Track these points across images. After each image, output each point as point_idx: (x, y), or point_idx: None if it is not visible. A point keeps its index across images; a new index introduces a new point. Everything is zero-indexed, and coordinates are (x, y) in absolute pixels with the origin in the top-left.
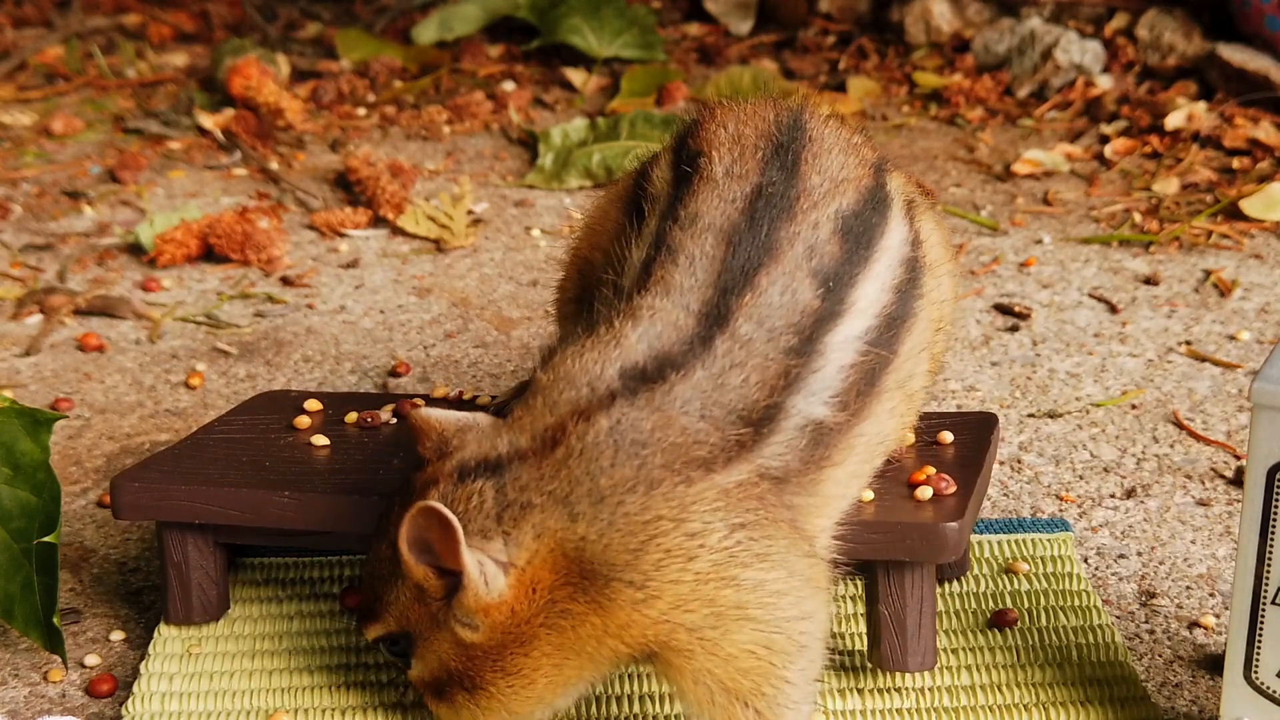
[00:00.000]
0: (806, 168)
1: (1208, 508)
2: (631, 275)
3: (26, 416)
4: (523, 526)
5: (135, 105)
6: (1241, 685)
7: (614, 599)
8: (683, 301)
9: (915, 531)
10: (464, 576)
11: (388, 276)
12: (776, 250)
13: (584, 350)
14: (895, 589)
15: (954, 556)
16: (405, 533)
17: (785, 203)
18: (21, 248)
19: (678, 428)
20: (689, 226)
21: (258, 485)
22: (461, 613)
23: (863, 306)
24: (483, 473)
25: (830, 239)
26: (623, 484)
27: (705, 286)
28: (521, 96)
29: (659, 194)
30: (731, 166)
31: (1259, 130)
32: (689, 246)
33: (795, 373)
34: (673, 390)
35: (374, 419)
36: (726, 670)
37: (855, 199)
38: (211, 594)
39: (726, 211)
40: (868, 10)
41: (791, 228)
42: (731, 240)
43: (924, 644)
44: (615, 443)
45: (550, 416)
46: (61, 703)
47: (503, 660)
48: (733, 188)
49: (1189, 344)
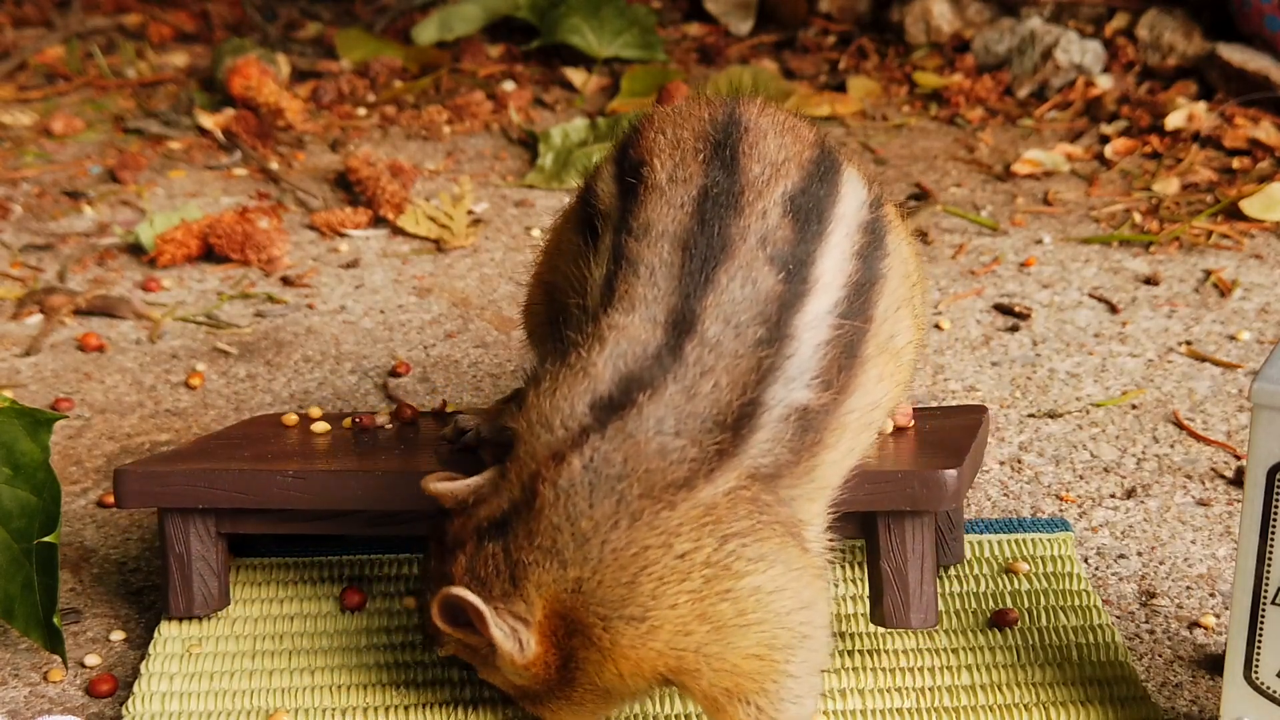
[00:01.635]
0: (746, 160)
1: (1208, 508)
2: (595, 293)
3: (26, 416)
4: (527, 586)
5: (135, 105)
6: (1241, 685)
7: (618, 640)
8: (649, 314)
9: (915, 479)
10: (498, 648)
11: (388, 276)
12: (730, 246)
13: (555, 388)
14: (896, 543)
15: (953, 505)
16: (438, 614)
17: (730, 199)
18: (21, 248)
19: (651, 452)
20: (643, 237)
21: (260, 465)
22: (504, 668)
23: (827, 281)
24: (494, 534)
25: (780, 223)
26: (604, 522)
27: (669, 295)
28: (521, 96)
29: (608, 209)
30: (674, 171)
31: (1259, 130)
32: (646, 256)
33: (768, 363)
34: (642, 413)
35: (369, 421)
36: (732, 679)
37: (799, 177)
38: (213, 586)
39: (676, 217)
40: (868, 10)
41: (741, 221)
42: (686, 245)
43: (925, 600)
44: (590, 483)
45: (532, 464)
46: (61, 703)
47: (551, 699)
48: (678, 193)
49: (1189, 344)
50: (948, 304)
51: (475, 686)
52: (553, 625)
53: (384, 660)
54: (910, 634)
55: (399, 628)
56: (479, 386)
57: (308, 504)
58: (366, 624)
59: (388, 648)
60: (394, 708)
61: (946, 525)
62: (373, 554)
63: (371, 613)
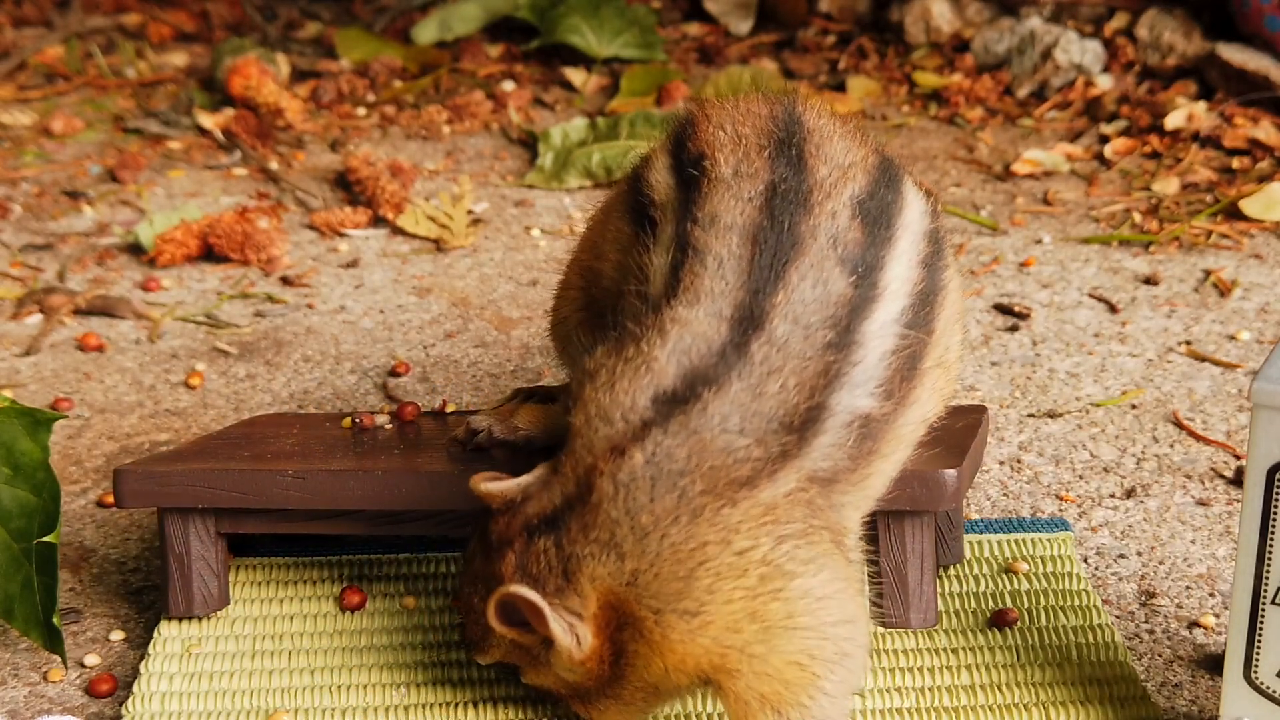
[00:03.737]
0: (813, 160)
1: (1208, 508)
2: (658, 282)
3: (26, 416)
4: (580, 580)
5: (135, 105)
6: (1241, 685)
7: (668, 634)
8: (714, 308)
9: (915, 479)
10: (555, 643)
11: (388, 276)
12: (801, 244)
13: (614, 381)
14: (896, 542)
15: (953, 505)
16: (494, 615)
17: (799, 197)
18: (21, 248)
19: (716, 449)
20: (710, 227)
21: (260, 465)
22: (559, 665)
23: (895, 289)
24: (544, 529)
25: (850, 225)
26: (665, 517)
27: (736, 289)
28: (521, 96)
29: (667, 199)
30: (739, 166)
31: (1259, 130)
32: (715, 247)
33: (836, 368)
34: (707, 409)
35: (369, 421)
36: (771, 685)
37: (866, 181)
38: (212, 586)
39: (745, 210)
40: (868, 10)
41: (811, 220)
42: (756, 239)
43: (925, 600)
44: (652, 477)
45: (589, 458)
46: (61, 702)
47: (599, 698)
48: (746, 187)
49: (1189, 344)
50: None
51: (476, 687)
52: (605, 618)
53: (384, 660)
54: (910, 634)
55: (399, 628)
56: (479, 386)
57: (308, 504)
58: (366, 624)
59: (388, 648)
60: (394, 708)
61: (946, 525)
62: (373, 554)
63: (371, 613)
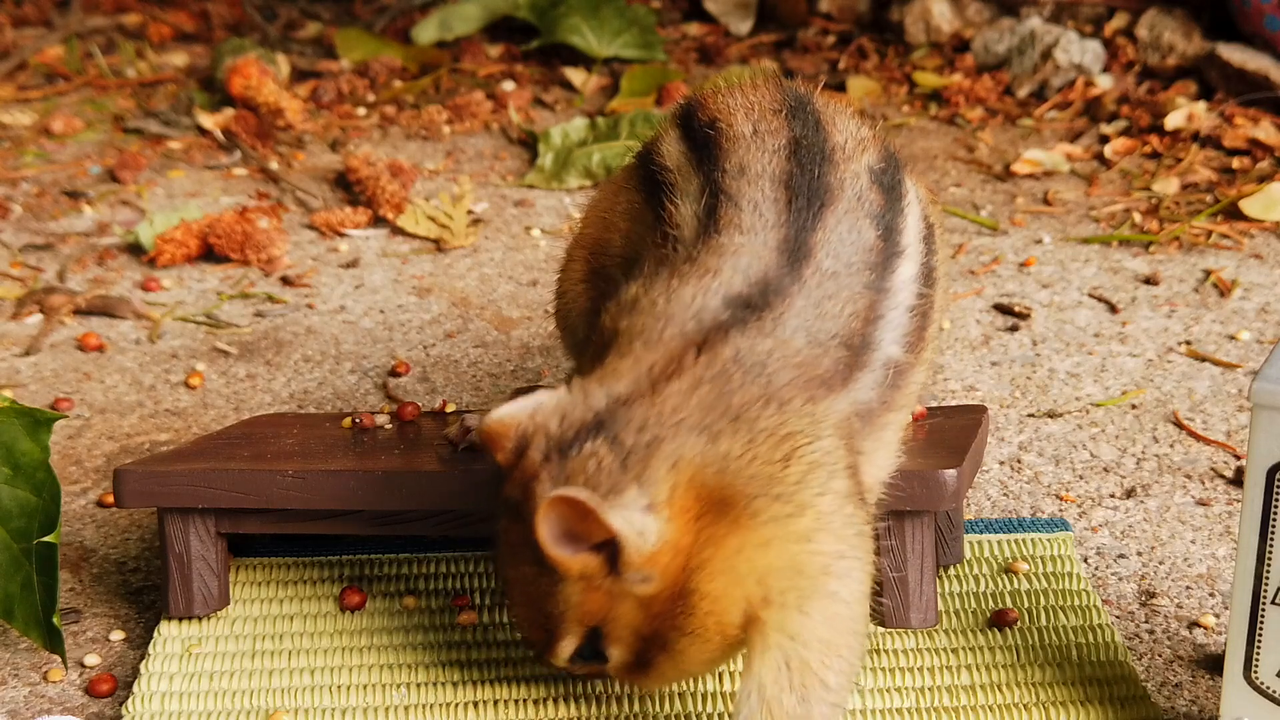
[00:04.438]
0: (829, 126)
1: (1208, 508)
2: (691, 225)
3: (26, 416)
4: (654, 464)
5: (135, 105)
6: (1241, 685)
7: (757, 515)
8: (760, 239)
9: (915, 479)
10: (619, 541)
11: (388, 276)
12: (832, 192)
13: (673, 288)
14: (896, 543)
15: (953, 505)
16: (545, 533)
17: (824, 153)
18: (21, 248)
19: (794, 349)
20: (739, 176)
21: (260, 465)
22: (631, 573)
23: (911, 252)
24: (587, 436)
25: (871, 188)
26: (754, 402)
27: (778, 226)
28: (521, 96)
29: (682, 162)
30: (758, 124)
31: (1259, 130)
32: (748, 192)
33: (878, 307)
34: (781, 316)
35: (369, 421)
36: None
37: (878, 157)
38: (212, 586)
39: (772, 160)
40: (868, 10)
41: (837, 173)
42: (789, 184)
43: (925, 600)
44: (740, 366)
45: (657, 355)
46: (61, 702)
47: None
48: (769, 140)
49: (1189, 344)
50: (948, 304)
51: (476, 687)
52: (684, 501)
53: (384, 660)
54: (910, 634)
55: (399, 628)
56: (479, 386)
57: (308, 504)
58: (366, 624)
59: (388, 648)
60: (394, 708)
61: (946, 525)
62: (373, 554)
63: (371, 613)
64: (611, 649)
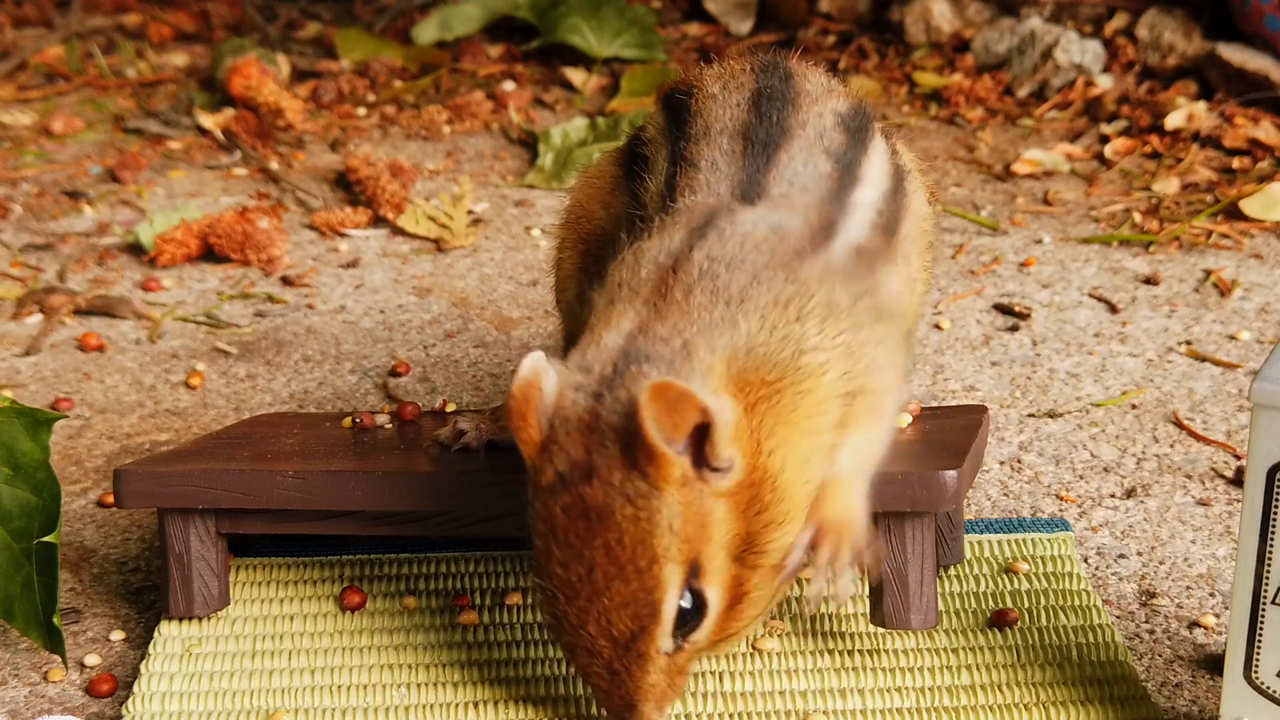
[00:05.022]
0: (799, 78)
1: (1208, 508)
2: (655, 201)
3: (26, 416)
4: (695, 360)
5: (135, 105)
6: (1241, 685)
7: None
8: (714, 192)
9: (915, 480)
10: (711, 419)
11: (388, 276)
12: (790, 133)
13: (640, 248)
14: (896, 544)
15: (953, 505)
16: (650, 428)
17: (788, 98)
18: (21, 248)
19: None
20: (702, 138)
21: (260, 465)
22: (716, 460)
23: (873, 178)
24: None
25: (834, 128)
26: (749, 284)
27: (732, 175)
28: (521, 96)
29: (657, 134)
30: (728, 82)
31: (1259, 130)
32: (707, 153)
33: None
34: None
35: (369, 421)
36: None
37: (847, 105)
38: (213, 586)
39: (733, 114)
40: (868, 10)
41: (799, 115)
42: (746, 135)
43: (926, 601)
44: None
45: (644, 290)
46: (61, 702)
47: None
48: (732, 96)
49: (1189, 344)
50: (948, 304)
51: (476, 687)
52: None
53: (384, 660)
54: (910, 634)
55: (399, 628)
56: (479, 386)
57: (308, 504)
58: (366, 624)
59: (388, 648)
60: (394, 708)
61: (946, 525)
62: (373, 554)
63: (371, 613)
64: (709, 589)
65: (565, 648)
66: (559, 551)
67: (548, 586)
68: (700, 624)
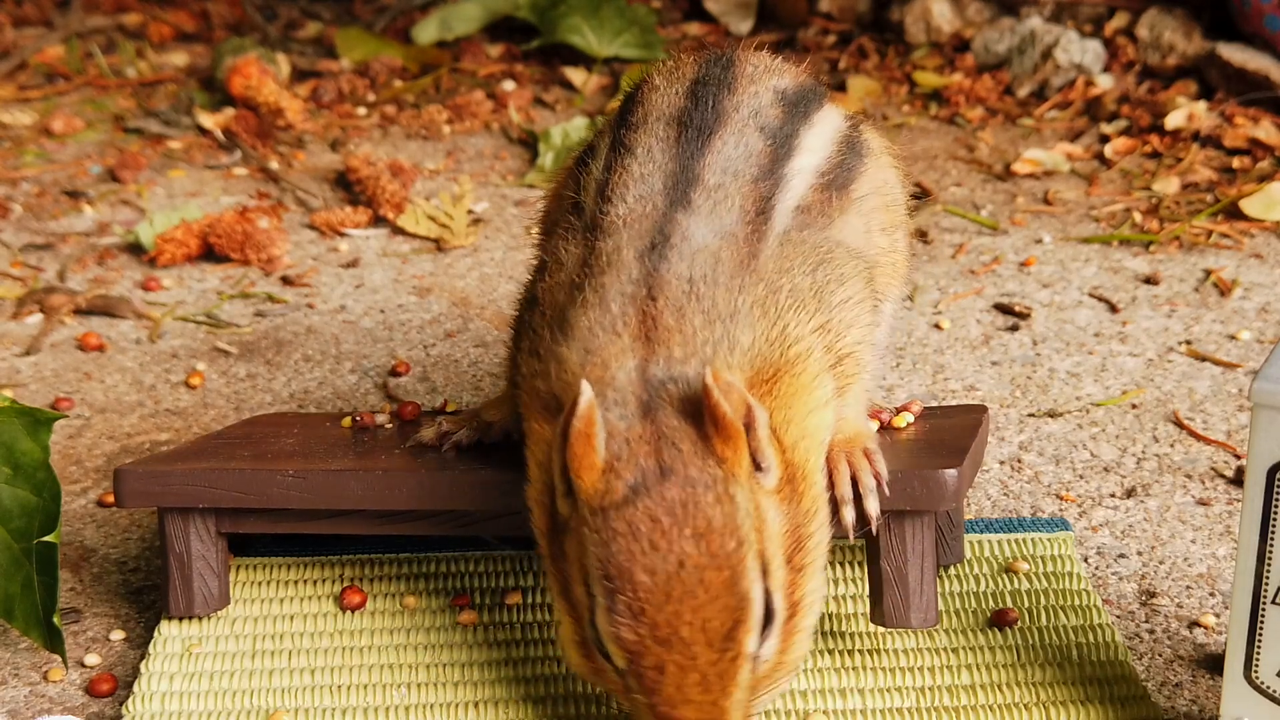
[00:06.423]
0: (742, 62)
1: (1208, 507)
2: (591, 189)
3: (26, 416)
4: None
5: (135, 105)
6: (1241, 685)
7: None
8: (646, 186)
9: (915, 479)
10: (753, 417)
11: (388, 276)
12: (724, 117)
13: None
14: (896, 542)
15: (953, 504)
16: (721, 403)
17: (725, 82)
18: (21, 247)
19: (712, 248)
20: (640, 126)
21: (260, 464)
22: (762, 457)
23: (813, 146)
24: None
25: (771, 105)
26: (730, 296)
27: (666, 164)
28: (521, 96)
29: (606, 124)
30: (672, 74)
31: (1259, 130)
32: (643, 140)
33: (768, 193)
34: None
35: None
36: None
37: (793, 83)
38: (213, 585)
39: (671, 102)
40: (868, 10)
41: (734, 99)
42: (681, 121)
43: (926, 599)
44: (699, 283)
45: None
46: (61, 702)
47: (796, 475)
48: (674, 86)
49: (1189, 344)
50: (948, 303)
51: (476, 687)
52: (756, 391)
53: (384, 660)
54: (910, 634)
55: (399, 628)
56: (479, 386)
57: (308, 503)
58: (366, 624)
59: (388, 648)
60: (394, 708)
61: (946, 525)
62: (373, 554)
63: (371, 613)
64: (774, 591)
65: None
66: (644, 558)
67: (633, 602)
68: (770, 630)
